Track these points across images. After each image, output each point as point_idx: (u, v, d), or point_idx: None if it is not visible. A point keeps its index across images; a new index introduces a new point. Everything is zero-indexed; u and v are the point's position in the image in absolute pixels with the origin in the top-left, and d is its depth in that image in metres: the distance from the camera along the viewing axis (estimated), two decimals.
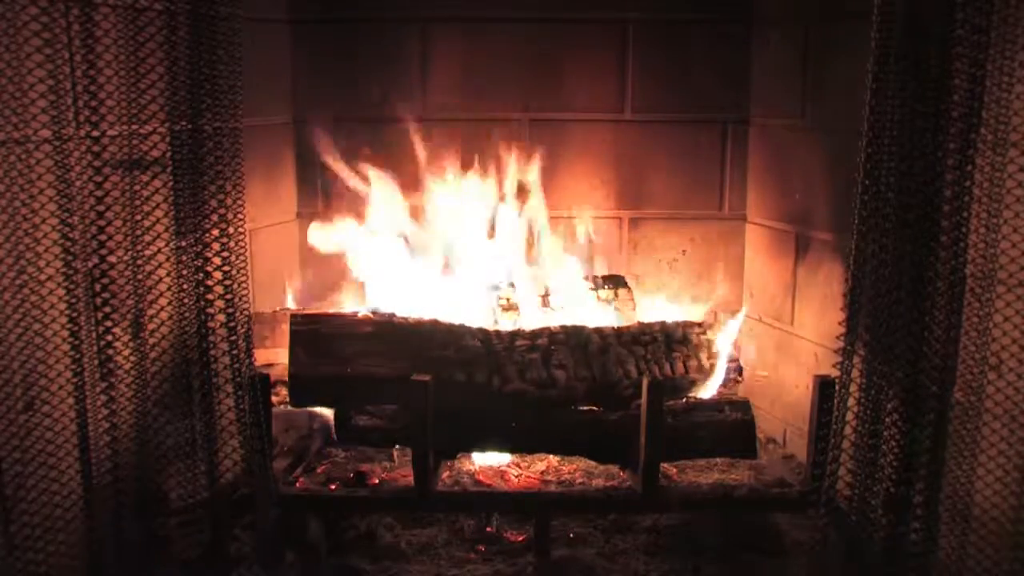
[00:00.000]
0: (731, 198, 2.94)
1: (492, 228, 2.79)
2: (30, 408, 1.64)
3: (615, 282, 2.73)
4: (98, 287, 1.74)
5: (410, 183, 2.78)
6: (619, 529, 2.25)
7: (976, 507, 1.70)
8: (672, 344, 2.34)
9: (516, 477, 2.43)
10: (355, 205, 2.77)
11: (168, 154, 1.87)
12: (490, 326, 2.44)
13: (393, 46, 2.86)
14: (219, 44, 1.87)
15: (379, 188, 2.74)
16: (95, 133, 1.71)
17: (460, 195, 2.77)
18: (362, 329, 2.23)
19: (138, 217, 1.82)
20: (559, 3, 2.84)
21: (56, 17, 1.63)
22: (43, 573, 1.64)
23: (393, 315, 2.30)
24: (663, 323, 2.40)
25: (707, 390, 2.36)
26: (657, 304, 2.83)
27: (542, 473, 2.45)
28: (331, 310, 2.58)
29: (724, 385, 2.43)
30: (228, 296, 1.94)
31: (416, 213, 2.78)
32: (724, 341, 2.39)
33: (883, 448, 1.80)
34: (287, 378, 2.21)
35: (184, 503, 1.94)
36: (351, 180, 2.75)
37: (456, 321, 2.34)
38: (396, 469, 2.44)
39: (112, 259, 1.76)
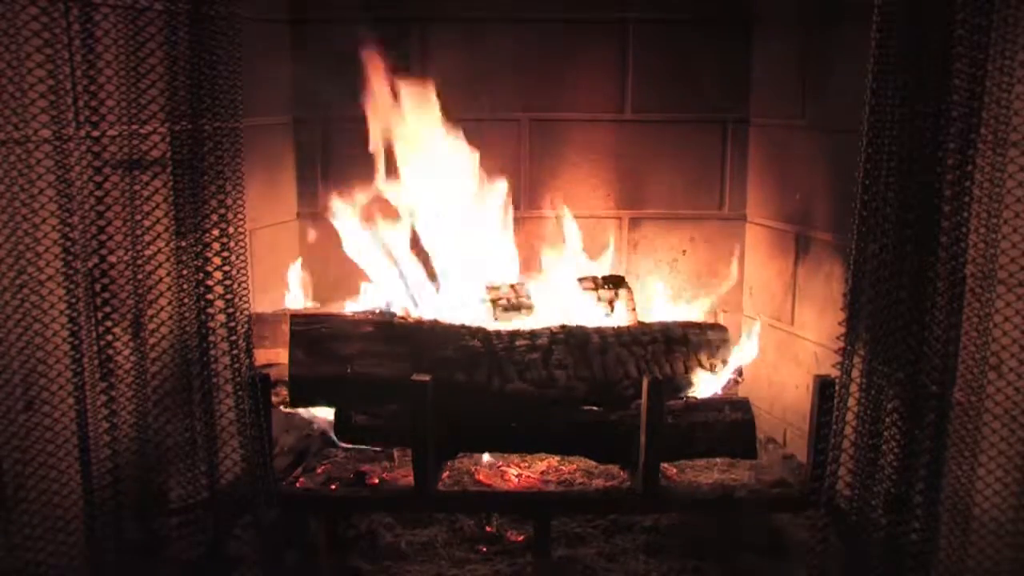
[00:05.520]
0: (731, 198, 2.94)
1: (492, 228, 2.79)
2: (30, 408, 1.64)
3: (615, 282, 2.73)
4: (98, 287, 1.74)
5: (409, 183, 2.77)
6: (619, 529, 2.25)
7: (976, 507, 1.70)
8: (672, 344, 2.34)
9: (516, 477, 2.43)
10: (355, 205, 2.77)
11: (168, 154, 1.87)
12: (489, 326, 2.44)
13: (393, 46, 2.85)
14: (219, 44, 1.87)
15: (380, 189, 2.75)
16: (95, 133, 1.71)
17: (460, 196, 2.76)
18: (362, 329, 2.23)
19: (138, 217, 1.82)
20: (559, 3, 2.84)
21: (56, 17, 1.63)
22: (43, 573, 1.64)
23: (393, 315, 2.30)
24: (663, 323, 2.40)
25: (707, 391, 2.36)
26: (657, 304, 2.83)
27: (542, 473, 2.45)
28: (331, 310, 2.58)
29: (724, 386, 2.43)
30: (228, 296, 1.94)
31: (416, 214, 2.77)
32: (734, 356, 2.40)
33: (883, 448, 1.80)
34: (287, 378, 2.21)
35: (184, 503, 1.94)
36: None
37: (456, 321, 2.34)
38: (396, 469, 2.44)
39: (112, 259, 1.76)
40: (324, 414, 2.42)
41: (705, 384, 2.35)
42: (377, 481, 2.35)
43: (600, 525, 2.26)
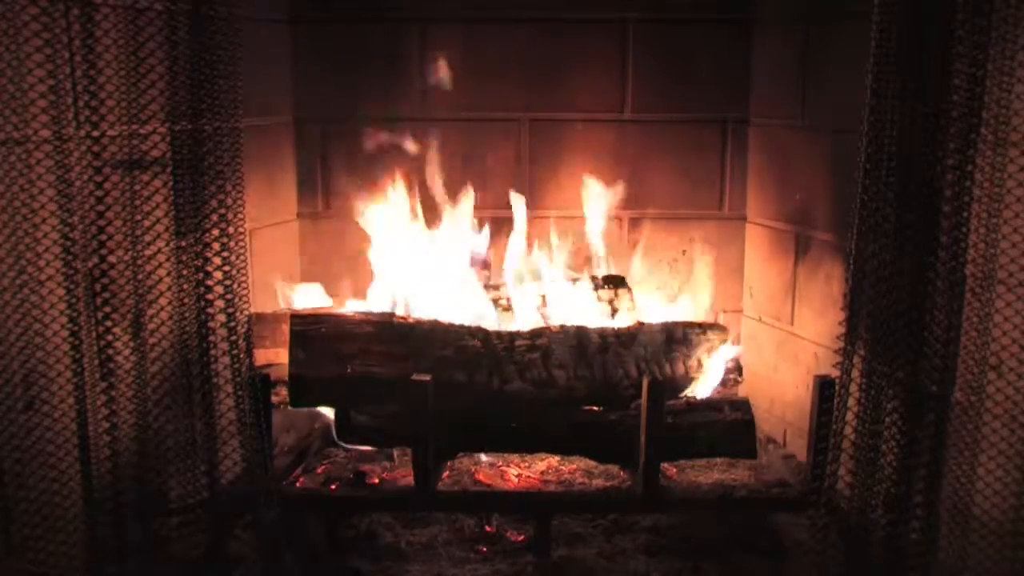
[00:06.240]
0: (731, 198, 2.94)
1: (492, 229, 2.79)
2: (30, 408, 1.64)
3: (615, 282, 2.73)
4: (98, 287, 1.74)
5: (410, 183, 2.78)
6: (619, 529, 2.25)
7: (976, 507, 1.70)
8: (672, 344, 2.34)
9: (516, 477, 2.43)
10: (355, 205, 2.78)
11: (168, 154, 1.87)
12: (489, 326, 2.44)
13: (393, 46, 2.86)
14: (219, 44, 1.87)
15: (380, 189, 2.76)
16: (95, 133, 1.71)
17: (459, 196, 2.77)
18: (362, 329, 2.23)
19: (138, 217, 1.82)
20: (559, 3, 2.84)
21: (56, 17, 1.63)
22: (43, 573, 1.64)
23: (393, 315, 2.30)
24: (663, 323, 2.40)
25: (704, 390, 2.36)
26: (657, 304, 2.83)
27: (542, 473, 2.46)
28: (331, 310, 2.58)
29: (724, 385, 2.43)
30: (228, 296, 1.94)
31: (416, 214, 2.78)
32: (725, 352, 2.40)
33: (883, 448, 1.80)
34: (287, 378, 2.21)
35: (184, 503, 1.94)
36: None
37: (456, 321, 2.34)
38: (396, 469, 2.44)
39: (112, 259, 1.76)
40: (325, 413, 2.43)
41: (703, 381, 2.35)
42: (377, 481, 2.35)
43: (600, 525, 2.26)
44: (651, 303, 2.80)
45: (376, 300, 2.65)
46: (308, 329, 2.22)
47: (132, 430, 1.83)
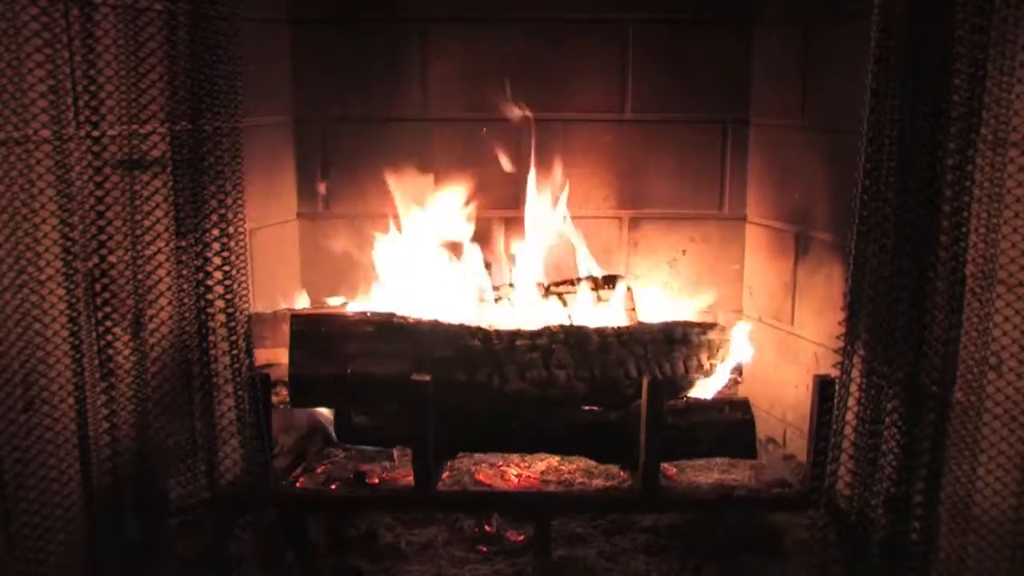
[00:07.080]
0: (731, 198, 2.93)
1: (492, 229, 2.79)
2: (30, 408, 1.64)
3: (615, 282, 2.73)
4: (98, 287, 1.74)
5: (409, 183, 2.78)
6: (619, 529, 2.25)
7: (976, 507, 1.70)
8: (672, 344, 2.34)
9: (516, 477, 2.43)
10: (355, 205, 2.78)
11: (168, 154, 1.87)
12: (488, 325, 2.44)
13: (393, 46, 2.86)
14: (219, 44, 1.87)
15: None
16: (95, 133, 1.71)
17: (459, 195, 2.77)
18: (362, 329, 2.23)
19: (138, 217, 1.82)
20: (559, 4, 2.84)
21: (56, 17, 1.63)
22: (43, 573, 1.64)
23: (393, 315, 2.30)
24: (663, 323, 2.40)
25: (708, 391, 2.36)
26: (657, 304, 2.83)
27: (542, 473, 2.45)
28: (331, 310, 2.58)
29: (724, 385, 2.43)
30: (228, 296, 1.94)
31: (416, 215, 2.78)
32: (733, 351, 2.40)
33: (883, 448, 1.80)
34: (287, 378, 2.21)
35: (184, 503, 1.94)
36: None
37: (456, 321, 2.34)
38: (396, 469, 2.44)
39: (112, 259, 1.76)
40: (325, 413, 2.42)
41: (705, 384, 2.35)
42: (377, 481, 2.35)
43: (600, 525, 2.26)
44: (651, 303, 2.80)
45: (376, 300, 2.65)
46: (308, 329, 2.22)
47: (132, 430, 1.83)
